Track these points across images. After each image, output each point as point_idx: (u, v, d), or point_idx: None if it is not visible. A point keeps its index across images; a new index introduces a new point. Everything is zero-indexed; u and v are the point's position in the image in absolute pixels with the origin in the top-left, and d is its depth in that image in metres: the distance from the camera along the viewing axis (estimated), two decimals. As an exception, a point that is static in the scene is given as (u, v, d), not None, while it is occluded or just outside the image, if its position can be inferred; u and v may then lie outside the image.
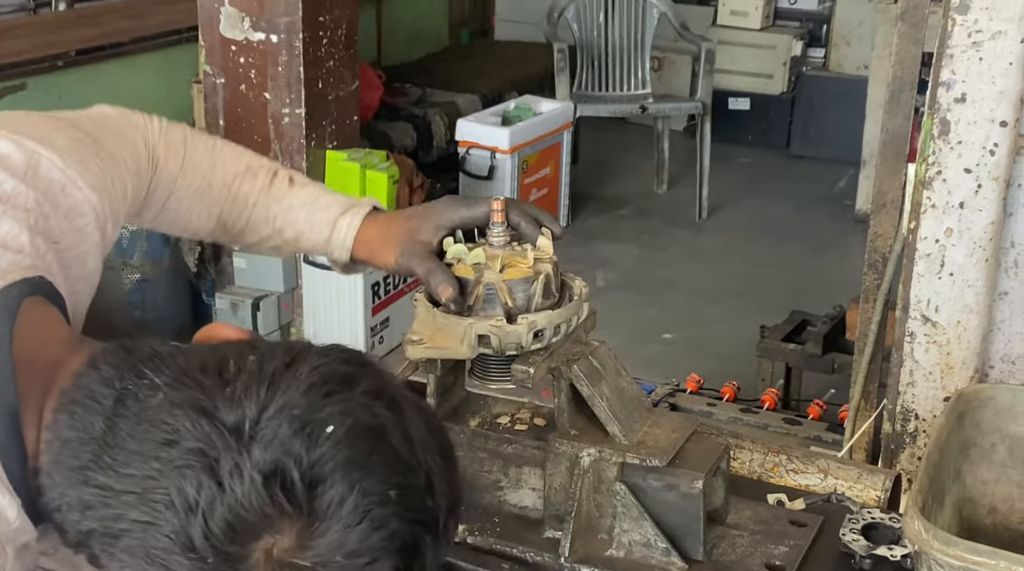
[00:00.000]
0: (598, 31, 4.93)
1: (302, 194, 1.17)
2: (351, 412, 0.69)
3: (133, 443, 0.68)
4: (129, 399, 0.70)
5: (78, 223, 0.92)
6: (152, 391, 0.70)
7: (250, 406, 0.67)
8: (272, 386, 0.69)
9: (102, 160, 0.97)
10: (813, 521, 1.18)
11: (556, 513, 1.14)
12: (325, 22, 3.44)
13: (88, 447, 0.69)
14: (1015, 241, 1.58)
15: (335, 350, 0.74)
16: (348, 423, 0.69)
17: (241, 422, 0.67)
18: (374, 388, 0.73)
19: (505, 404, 1.26)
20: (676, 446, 1.13)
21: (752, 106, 5.64)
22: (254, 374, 0.70)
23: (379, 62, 5.18)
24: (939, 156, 1.54)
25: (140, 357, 0.74)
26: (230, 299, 3.53)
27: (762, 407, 2.73)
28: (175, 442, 0.66)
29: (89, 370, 0.74)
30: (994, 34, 1.48)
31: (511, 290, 1.09)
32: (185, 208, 1.14)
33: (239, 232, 1.18)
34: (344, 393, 0.70)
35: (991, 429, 1.23)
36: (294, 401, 0.68)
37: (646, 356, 3.53)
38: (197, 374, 0.70)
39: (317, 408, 0.68)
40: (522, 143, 4.27)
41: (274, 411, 0.67)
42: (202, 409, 0.67)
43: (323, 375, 0.71)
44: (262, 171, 1.17)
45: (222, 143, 1.17)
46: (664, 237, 4.67)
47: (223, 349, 0.73)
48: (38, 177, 0.89)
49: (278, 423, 0.67)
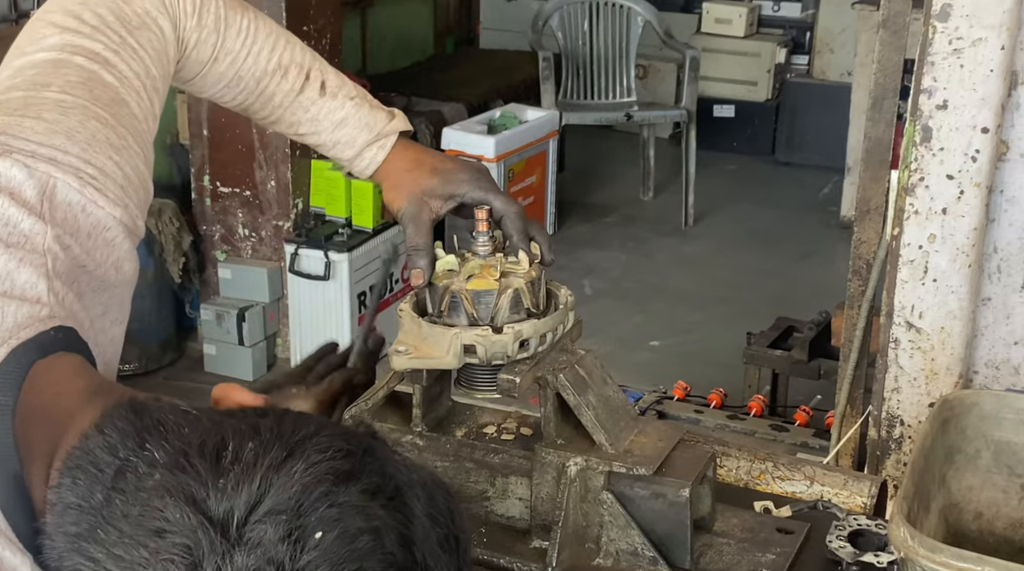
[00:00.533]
0: (583, 39, 4.94)
1: (330, 107, 1.17)
2: (343, 516, 0.66)
3: (125, 525, 0.66)
4: (129, 472, 0.69)
5: (105, 237, 0.91)
6: (150, 468, 0.68)
7: (239, 503, 0.65)
8: (263, 483, 0.66)
9: (120, 152, 0.93)
10: (800, 528, 1.18)
11: (543, 523, 1.14)
12: (309, 31, 3.44)
13: (86, 517, 0.68)
14: (998, 247, 1.59)
15: (339, 440, 0.70)
16: (339, 528, 0.66)
17: (229, 519, 0.65)
18: (374, 485, 0.69)
19: (492, 414, 1.26)
20: (662, 454, 1.12)
21: (737, 113, 5.66)
22: (248, 466, 0.67)
23: (364, 71, 5.18)
24: (921, 163, 1.55)
25: (147, 424, 0.72)
26: (215, 310, 3.51)
27: (749, 414, 2.73)
28: (164, 532, 0.65)
29: (96, 433, 0.73)
30: (975, 41, 1.49)
31: (475, 301, 1.09)
32: (211, 89, 1.13)
33: (261, 120, 1.19)
34: (339, 494, 0.67)
35: (976, 435, 1.23)
36: (283, 504, 0.65)
37: (633, 364, 3.54)
38: (195, 458, 0.68)
39: (308, 512, 0.65)
40: (508, 151, 4.28)
41: (262, 513, 0.65)
42: (193, 499, 0.65)
43: (318, 474, 0.67)
44: (293, 71, 1.14)
45: (256, 27, 1.13)
46: (650, 244, 4.68)
47: (225, 427, 0.70)
48: (55, 205, 0.87)
49: (264, 527, 0.64)
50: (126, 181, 0.93)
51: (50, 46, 0.97)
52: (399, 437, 1.19)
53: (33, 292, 0.82)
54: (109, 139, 0.93)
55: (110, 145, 0.93)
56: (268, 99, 1.15)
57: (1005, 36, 1.49)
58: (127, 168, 0.94)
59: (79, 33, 0.98)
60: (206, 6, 1.08)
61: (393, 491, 0.70)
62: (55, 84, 0.94)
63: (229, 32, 1.10)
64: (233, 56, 1.11)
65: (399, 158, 1.17)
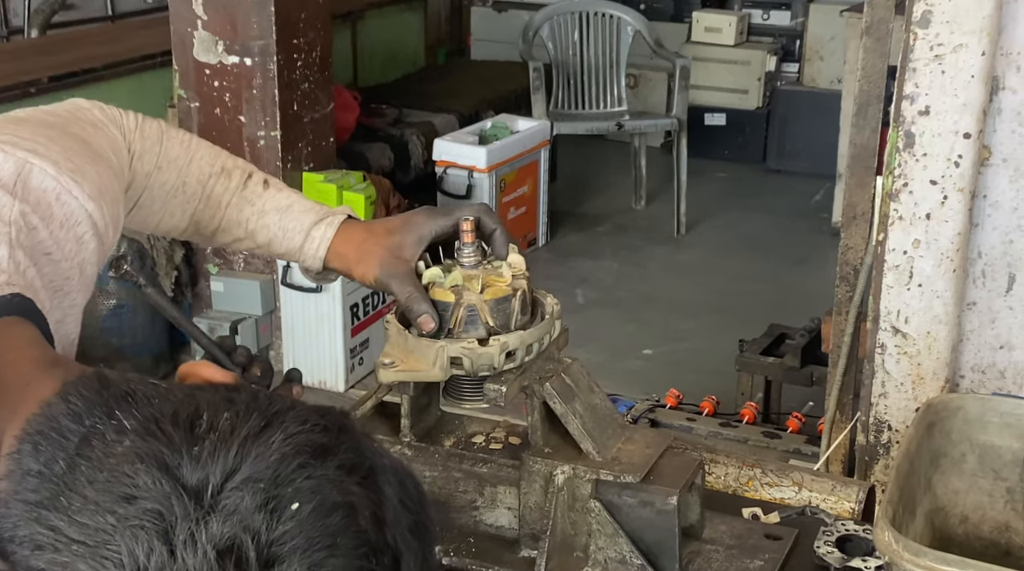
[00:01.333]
0: (573, 49, 4.96)
1: (276, 198, 1.17)
2: (320, 489, 0.66)
3: (91, 491, 0.64)
4: (95, 439, 0.67)
5: (76, 232, 0.90)
6: (119, 436, 0.66)
7: (215, 471, 0.64)
8: (241, 451, 0.65)
9: (97, 166, 0.96)
10: (788, 534, 1.19)
11: (531, 532, 1.14)
12: (299, 44, 3.45)
13: (47, 484, 0.66)
14: (982, 251, 1.60)
15: (315, 416, 0.70)
16: (315, 500, 0.65)
17: (203, 487, 0.63)
18: (350, 462, 0.69)
19: (480, 423, 1.26)
20: (650, 462, 1.13)
21: (728, 121, 5.68)
22: (225, 435, 0.65)
23: (355, 83, 5.19)
24: (905, 168, 1.56)
25: (114, 394, 0.70)
26: (208, 323, 3.51)
27: (742, 421, 2.74)
28: (133, 498, 0.63)
29: (59, 401, 0.71)
30: (955, 47, 1.51)
31: (492, 310, 1.09)
32: (159, 206, 1.13)
33: (212, 233, 1.17)
34: (316, 467, 0.66)
35: (961, 439, 1.24)
36: (261, 472, 0.64)
37: (626, 372, 3.54)
38: (167, 425, 0.66)
39: (285, 482, 0.65)
40: (500, 162, 4.29)
41: (239, 480, 0.64)
42: (165, 466, 0.64)
43: (297, 445, 0.66)
44: (237, 172, 1.16)
45: (198, 141, 1.16)
46: (643, 253, 4.69)
47: (198, 398, 0.69)
48: (28, 188, 0.87)
49: (241, 495, 0.63)
50: (103, 187, 0.94)
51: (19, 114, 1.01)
52: (388, 448, 1.20)
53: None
54: (88, 154, 0.95)
55: (88, 157, 0.95)
56: (216, 202, 1.15)
57: (985, 42, 1.50)
58: (104, 179, 0.95)
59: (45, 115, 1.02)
60: (147, 123, 1.12)
61: (367, 471, 0.70)
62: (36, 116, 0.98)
63: (170, 143, 1.13)
64: (176, 163, 1.13)
65: (350, 234, 1.15)
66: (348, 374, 3.47)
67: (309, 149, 3.56)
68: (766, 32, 5.75)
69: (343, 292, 3.39)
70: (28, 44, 4.64)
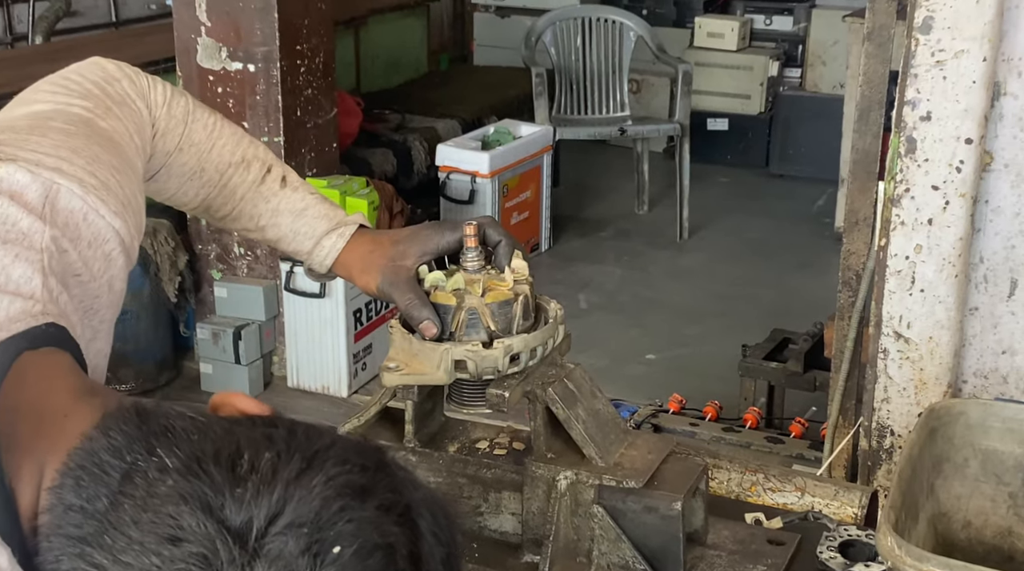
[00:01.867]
0: (576, 55, 4.97)
1: (292, 198, 1.17)
2: (360, 532, 0.66)
3: (135, 531, 0.64)
4: (137, 477, 0.67)
5: (104, 250, 0.91)
6: (161, 474, 0.66)
7: (259, 514, 0.64)
8: (284, 495, 0.65)
9: (121, 175, 0.95)
10: (790, 540, 1.19)
11: (534, 537, 1.14)
12: (302, 51, 3.46)
13: (90, 521, 0.67)
14: (984, 257, 1.60)
15: (353, 454, 0.70)
16: (357, 544, 0.66)
17: (248, 530, 0.64)
18: (388, 501, 0.69)
19: (484, 429, 1.27)
20: (652, 467, 1.13)
21: (730, 126, 5.68)
22: (267, 477, 0.66)
23: (358, 89, 5.20)
24: (907, 174, 1.56)
25: (153, 429, 0.70)
26: (211, 329, 3.52)
27: (744, 426, 2.74)
28: (178, 540, 0.63)
29: (99, 435, 0.71)
30: (957, 53, 1.51)
31: (493, 314, 1.10)
32: (174, 184, 1.13)
33: (222, 218, 1.18)
34: (357, 509, 0.67)
35: (963, 444, 1.24)
36: (304, 516, 0.65)
37: (629, 377, 3.54)
38: (209, 465, 0.66)
39: (327, 526, 0.65)
40: (502, 167, 4.29)
41: (283, 525, 0.64)
42: (209, 508, 0.64)
43: (337, 488, 0.67)
44: (256, 164, 1.16)
45: (222, 125, 1.15)
46: (645, 258, 4.69)
47: (238, 436, 0.69)
48: (56, 210, 0.87)
49: (285, 539, 0.64)
50: (126, 200, 0.94)
51: (44, 102, 1.00)
52: (392, 453, 1.20)
53: (27, 287, 0.82)
54: (111, 162, 0.95)
55: (112, 166, 0.95)
56: (231, 192, 1.16)
57: (987, 48, 1.51)
58: (127, 190, 0.95)
59: (70, 95, 1.01)
60: (176, 99, 1.11)
61: (403, 508, 0.70)
62: (58, 119, 0.97)
63: (195, 125, 1.12)
64: (198, 147, 1.12)
65: (358, 245, 1.16)
66: (351, 379, 3.47)
67: (312, 155, 3.57)
68: (768, 37, 5.76)
69: (346, 297, 3.40)
70: (32, 51, 4.65)
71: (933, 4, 1.51)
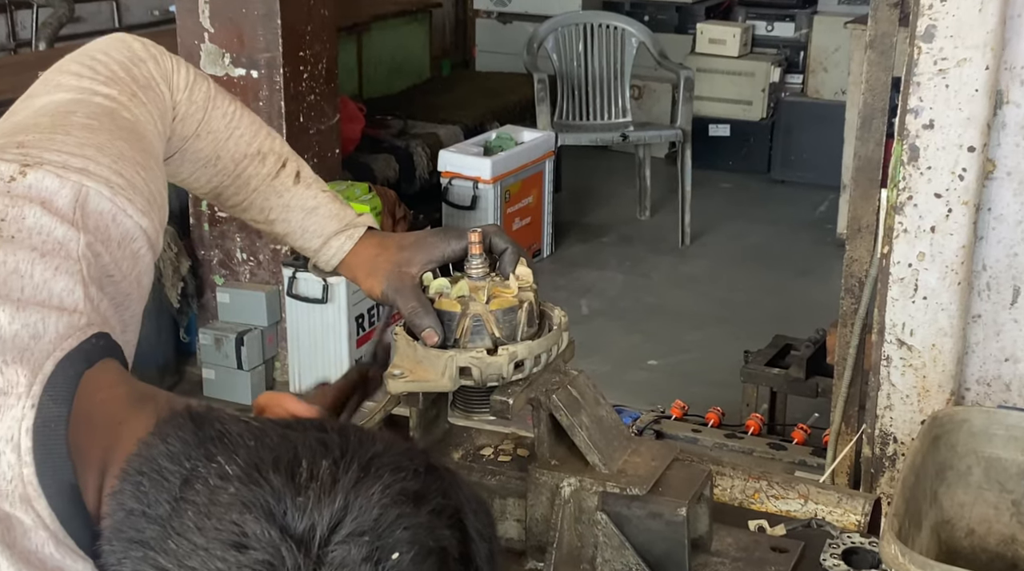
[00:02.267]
0: (578, 61, 4.98)
1: (304, 195, 1.18)
2: (417, 538, 0.68)
3: (199, 537, 0.66)
4: (198, 483, 0.68)
5: (132, 248, 0.92)
6: (222, 481, 0.68)
7: (320, 522, 0.66)
8: (344, 503, 0.67)
9: (146, 171, 0.96)
10: (794, 547, 1.19)
11: (538, 544, 1.14)
12: (305, 57, 3.47)
13: (152, 526, 0.68)
14: (987, 264, 1.60)
15: (406, 460, 0.73)
16: (414, 550, 0.68)
17: (311, 538, 0.65)
18: (440, 506, 0.72)
19: (489, 435, 1.27)
20: (656, 474, 1.13)
21: (732, 132, 5.69)
22: (327, 486, 0.68)
23: (360, 95, 5.21)
24: (909, 181, 1.57)
25: (209, 435, 0.72)
26: (214, 334, 3.52)
27: (747, 432, 2.74)
28: (243, 547, 0.65)
29: (157, 441, 0.72)
30: (959, 61, 1.51)
31: (498, 321, 1.10)
32: (187, 169, 1.13)
33: (232, 206, 1.18)
34: (412, 516, 0.69)
35: (966, 451, 1.24)
36: (364, 524, 0.67)
37: (631, 383, 3.54)
38: (269, 472, 0.68)
39: (387, 533, 0.67)
40: (504, 173, 4.30)
41: (345, 534, 0.66)
42: (272, 515, 0.65)
43: (394, 495, 0.69)
44: (271, 157, 1.16)
45: (241, 114, 1.15)
46: (647, 264, 4.69)
47: (294, 442, 0.71)
48: (87, 213, 0.88)
49: (347, 547, 0.65)
50: (151, 197, 0.95)
51: (68, 88, 1.00)
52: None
53: (70, 300, 0.83)
54: (135, 158, 0.96)
55: (136, 162, 0.95)
56: (244, 183, 1.16)
57: (989, 56, 1.51)
58: (152, 185, 0.96)
59: (95, 80, 1.01)
60: (198, 84, 1.11)
61: (453, 511, 0.73)
62: (80, 113, 0.97)
63: (215, 112, 1.12)
64: (215, 135, 1.12)
65: (365, 247, 1.17)
66: (353, 385, 3.47)
67: (315, 160, 3.57)
68: (770, 44, 5.77)
69: (348, 303, 3.40)
70: (35, 57, 4.66)
71: (936, 13, 1.51)
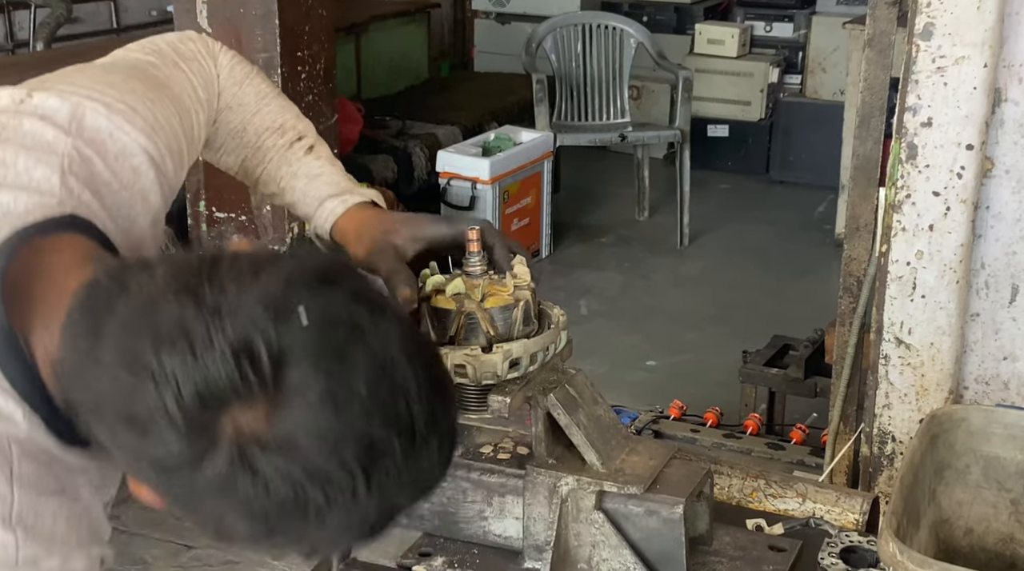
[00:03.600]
0: (576, 61, 4.97)
1: (311, 165, 1.22)
2: (329, 307, 0.73)
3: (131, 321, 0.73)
4: (132, 282, 0.76)
5: (132, 163, 0.97)
6: (150, 278, 0.76)
7: (232, 290, 0.72)
8: (256, 275, 0.73)
9: (155, 103, 1.02)
10: (792, 546, 1.19)
11: (535, 543, 1.14)
12: (303, 57, 3.46)
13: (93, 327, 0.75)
14: (985, 262, 1.60)
15: (328, 256, 0.78)
16: (324, 313, 0.72)
17: (221, 303, 0.72)
18: (356, 289, 0.76)
19: (488, 433, 1.27)
20: (654, 473, 1.13)
21: (731, 133, 5.69)
22: (243, 267, 0.74)
23: (359, 95, 5.21)
24: (908, 180, 1.57)
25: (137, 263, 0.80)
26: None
27: (745, 432, 2.73)
28: (164, 319, 0.72)
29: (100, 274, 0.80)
30: (957, 59, 1.51)
31: (493, 319, 1.10)
32: (219, 142, 1.20)
33: (255, 181, 1.24)
34: (325, 290, 0.74)
35: (965, 450, 1.24)
36: (272, 289, 0.72)
37: (629, 383, 3.54)
38: (194, 262, 0.76)
39: (294, 298, 0.72)
40: (503, 173, 4.30)
41: (253, 297, 0.72)
42: (192, 291, 0.72)
43: (306, 270, 0.75)
44: (291, 132, 1.22)
45: (274, 96, 1.23)
46: (646, 264, 4.69)
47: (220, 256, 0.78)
48: (83, 126, 0.94)
49: (254, 305, 0.71)
50: (156, 123, 1.01)
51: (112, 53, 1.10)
52: None
53: (46, 185, 0.88)
54: (145, 94, 1.02)
55: (145, 96, 1.02)
56: (263, 155, 1.22)
57: (988, 54, 1.51)
58: (159, 116, 1.02)
59: (140, 51, 1.12)
60: (238, 64, 1.20)
61: (372, 303, 0.76)
62: (106, 64, 1.08)
63: (248, 88, 1.20)
64: (244, 108, 1.19)
65: (360, 214, 1.19)
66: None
67: (313, 161, 3.57)
68: (768, 44, 5.76)
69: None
70: (33, 57, 4.65)
71: (934, 11, 1.51)
